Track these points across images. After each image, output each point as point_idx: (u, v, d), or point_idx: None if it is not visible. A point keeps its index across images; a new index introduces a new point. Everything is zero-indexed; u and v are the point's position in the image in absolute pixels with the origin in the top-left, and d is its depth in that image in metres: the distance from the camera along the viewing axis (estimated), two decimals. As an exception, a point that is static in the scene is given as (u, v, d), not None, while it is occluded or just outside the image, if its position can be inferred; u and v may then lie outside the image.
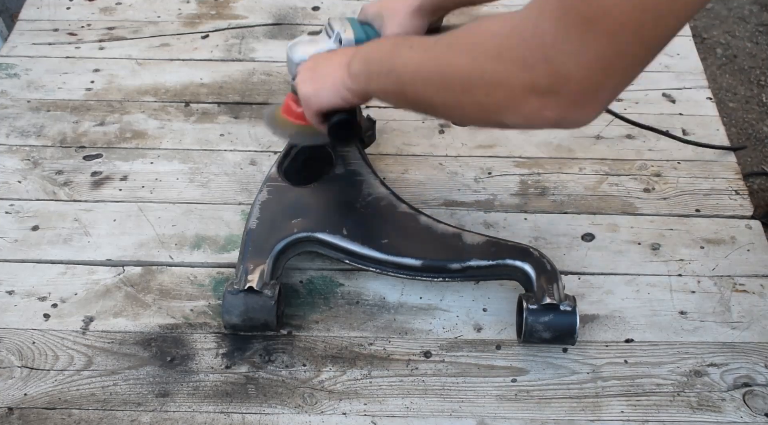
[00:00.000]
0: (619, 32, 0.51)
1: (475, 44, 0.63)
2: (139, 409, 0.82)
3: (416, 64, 0.69)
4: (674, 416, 0.82)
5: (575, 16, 0.52)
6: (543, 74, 0.55)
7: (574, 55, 0.53)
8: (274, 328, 0.87)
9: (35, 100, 1.19)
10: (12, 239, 0.99)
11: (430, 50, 0.68)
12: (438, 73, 0.66)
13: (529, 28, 0.55)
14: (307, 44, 0.91)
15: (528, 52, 0.55)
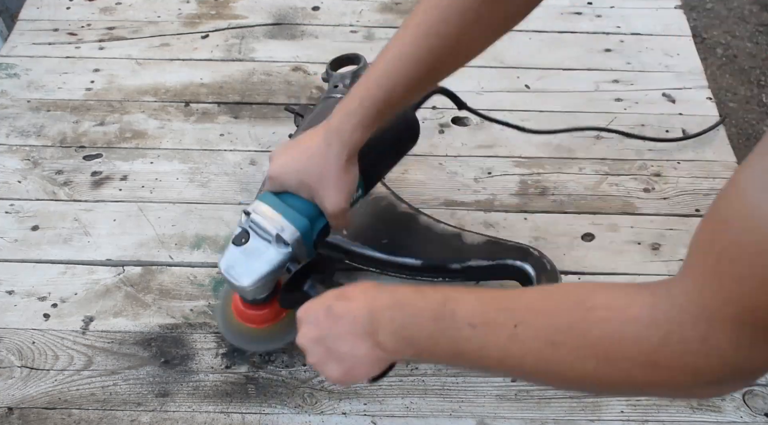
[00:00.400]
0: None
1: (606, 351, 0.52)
2: (139, 409, 0.82)
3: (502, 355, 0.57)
4: (674, 416, 0.82)
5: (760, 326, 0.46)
6: (721, 374, 0.49)
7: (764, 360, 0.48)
8: (274, 328, 0.87)
9: (35, 100, 1.19)
10: (12, 239, 0.99)
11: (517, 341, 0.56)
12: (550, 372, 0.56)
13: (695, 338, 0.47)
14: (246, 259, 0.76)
15: (701, 362, 0.48)
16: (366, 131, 0.75)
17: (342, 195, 0.76)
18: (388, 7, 1.40)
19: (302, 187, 0.77)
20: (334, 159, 0.75)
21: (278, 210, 0.76)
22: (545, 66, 1.29)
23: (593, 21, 1.38)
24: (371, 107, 0.74)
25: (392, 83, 0.73)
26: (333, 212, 0.77)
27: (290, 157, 0.78)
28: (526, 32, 1.35)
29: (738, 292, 0.45)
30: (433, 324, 0.60)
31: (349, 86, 1.08)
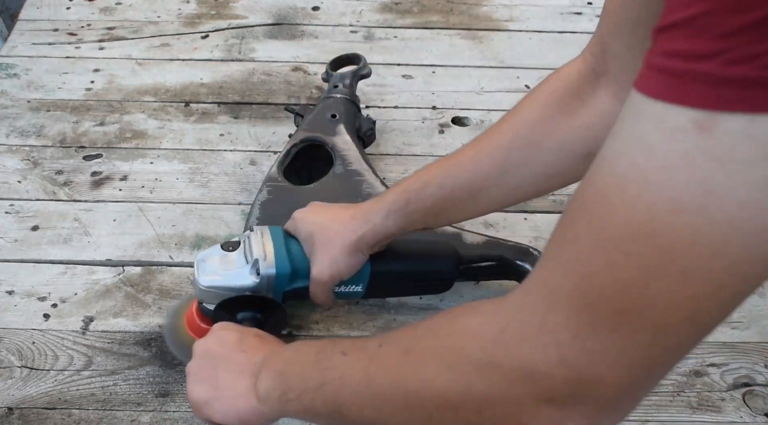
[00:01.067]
0: (668, 326, 0.39)
1: (448, 348, 0.47)
2: (139, 409, 0.82)
3: (359, 378, 0.52)
4: (674, 416, 0.82)
5: (604, 308, 0.40)
6: (562, 381, 0.41)
7: (605, 355, 0.40)
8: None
9: (35, 100, 1.19)
10: (12, 239, 0.99)
11: (376, 358, 0.52)
12: (395, 388, 0.49)
13: (533, 321, 0.42)
14: (219, 264, 0.75)
15: (536, 355, 0.42)
16: (389, 220, 0.73)
17: (331, 268, 0.75)
18: (388, 7, 1.40)
19: (308, 240, 0.76)
20: (347, 233, 0.74)
21: (275, 243, 0.76)
22: (545, 66, 1.28)
23: (593, 21, 1.38)
24: (402, 194, 0.73)
25: (428, 178, 0.73)
26: (314, 279, 0.76)
27: (317, 211, 0.79)
28: (526, 32, 1.35)
29: (577, 260, 0.41)
30: (312, 357, 0.57)
31: (349, 86, 1.08)
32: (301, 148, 1.01)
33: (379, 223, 0.74)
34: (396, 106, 1.20)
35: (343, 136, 1.01)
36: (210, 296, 0.76)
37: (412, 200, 0.73)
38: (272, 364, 0.62)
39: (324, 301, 0.80)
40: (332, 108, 1.04)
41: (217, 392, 0.63)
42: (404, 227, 0.75)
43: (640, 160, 0.37)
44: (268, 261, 0.74)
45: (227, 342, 0.66)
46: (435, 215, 0.75)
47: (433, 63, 1.29)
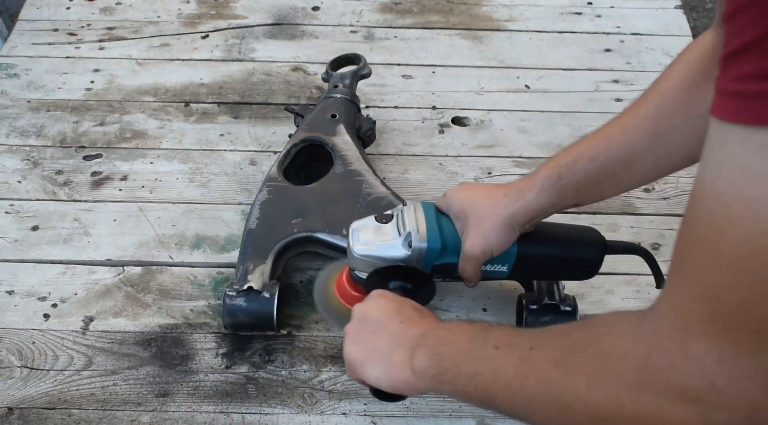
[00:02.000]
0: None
1: (598, 367, 0.48)
2: (139, 409, 0.82)
3: (511, 377, 0.55)
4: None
5: (740, 329, 0.40)
6: (717, 408, 0.41)
7: (754, 378, 0.40)
8: (274, 328, 0.87)
9: (35, 100, 1.19)
10: (12, 239, 0.99)
11: (528, 361, 0.54)
12: (547, 395, 0.52)
13: (675, 348, 0.42)
14: (373, 234, 0.78)
15: (686, 382, 0.42)
16: (542, 195, 0.74)
17: (483, 243, 0.76)
18: (388, 7, 1.40)
19: (460, 216, 0.77)
20: (500, 209, 0.75)
21: (427, 218, 0.78)
22: (545, 66, 1.29)
23: (593, 21, 1.38)
24: (553, 168, 0.74)
25: (580, 152, 0.74)
26: (465, 253, 0.77)
27: (470, 189, 0.80)
28: (526, 32, 1.35)
29: (701, 284, 0.41)
30: (466, 344, 0.60)
31: (349, 86, 1.08)
32: (301, 148, 1.01)
33: (532, 199, 0.74)
34: (396, 106, 1.20)
35: (343, 136, 1.01)
36: (363, 264, 0.78)
37: (563, 175, 0.73)
38: (428, 342, 0.64)
39: (471, 277, 0.80)
40: (332, 108, 1.04)
41: (373, 357, 0.67)
42: (556, 203, 0.75)
43: (736, 180, 0.38)
44: (421, 235, 0.76)
45: (386, 310, 0.69)
46: (587, 189, 0.75)
47: (433, 63, 1.29)
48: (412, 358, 0.64)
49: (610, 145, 0.73)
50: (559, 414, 0.52)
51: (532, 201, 0.74)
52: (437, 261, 0.78)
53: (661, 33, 1.34)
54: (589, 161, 0.73)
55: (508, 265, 0.80)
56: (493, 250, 0.77)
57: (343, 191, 0.96)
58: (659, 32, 1.34)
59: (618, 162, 0.73)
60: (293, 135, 1.03)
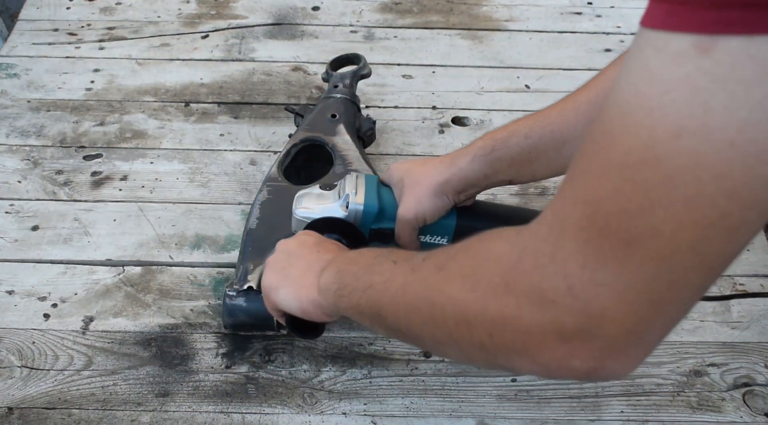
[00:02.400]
0: (674, 256, 0.38)
1: (473, 269, 0.49)
2: (139, 409, 0.82)
3: (399, 285, 0.56)
4: (674, 416, 0.82)
5: (610, 237, 0.39)
6: (568, 312, 0.41)
7: (611, 286, 0.40)
8: (274, 328, 0.87)
9: (35, 100, 1.19)
10: (12, 239, 0.99)
11: (417, 270, 0.55)
12: (425, 299, 0.52)
13: (546, 250, 0.42)
14: (314, 199, 0.82)
15: (546, 283, 0.42)
16: (475, 164, 0.76)
17: (417, 207, 0.77)
18: (388, 7, 1.40)
19: (398, 184, 0.80)
20: (434, 175, 0.77)
21: (367, 185, 0.81)
22: (545, 66, 1.29)
23: (593, 21, 1.38)
24: (488, 141, 0.76)
25: (516, 127, 0.76)
26: (399, 217, 0.79)
27: (411, 161, 0.82)
28: (526, 32, 1.35)
29: (585, 189, 0.41)
30: (369, 260, 0.62)
31: (349, 86, 1.08)
32: (301, 148, 1.01)
33: (465, 167, 0.76)
34: (396, 106, 1.20)
35: (343, 136, 1.01)
36: (302, 226, 0.81)
37: (497, 147, 0.75)
38: (336, 263, 0.67)
39: (407, 243, 0.81)
40: (332, 108, 1.04)
41: (286, 281, 0.70)
42: (488, 175, 0.77)
43: (642, 88, 0.37)
44: (358, 197, 0.80)
45: (305, 242, 0.73)
46: (519, 165, 0.76)
47: (433, 63, 1.29)
48: (320, 277, 0.67)
49: (545, 125, 0.75)
50: (432, 318, 0.52)
51: (465, 169, 0.76)
52: (374, 226, 0.81)
53: (661, 33, 1.34)
54: (524, 138, 0.75)
55: (448, 237, 0.83)
56: (425, 215, 0.78)
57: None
58: (659, 32, 1.34)
59: (551, 142, 0.74)
60: (293, 135, 1.03)
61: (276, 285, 0.71)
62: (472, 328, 0.48)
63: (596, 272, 0.40)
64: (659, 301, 0.40)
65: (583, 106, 0.73)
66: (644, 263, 0.39)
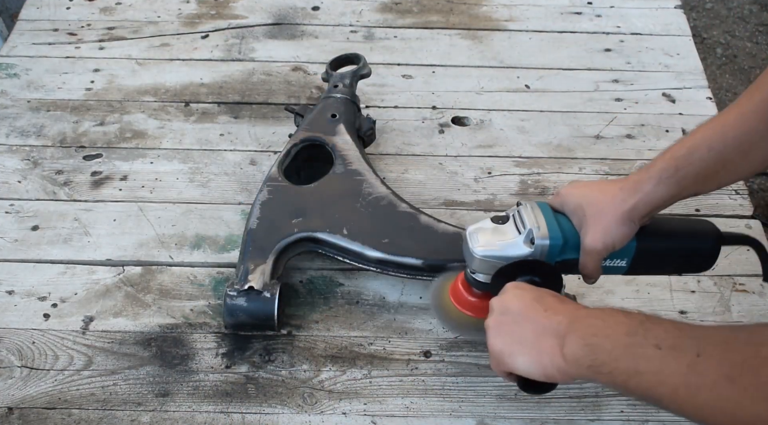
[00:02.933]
0: None
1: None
2: (139, 409, 0.82)
3: (678, 384, 0.56)
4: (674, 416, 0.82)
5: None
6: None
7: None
8: (275, 328, 0.87)
9: (35, 100, 1.19)
10: (12, 239, 0.99)
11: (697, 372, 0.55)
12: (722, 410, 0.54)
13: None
14: (492, 235, 0.78)
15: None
16: (660, 187, 0.74)
17: (605, 237, 0.75)
18: (388, 7, 1.40)
19: (577, 213, 0.77)
20: (619, 202, 0.75)
21: (545, 215, 0.78)
22: (545, 66, 1.29)
23: (593, 21, 1.38)
24: (669, 161, 0.73)
25: (695, 142, 0.73)
26: (586, 248, 0.77)
27: (585, 186, 0.80)
28: (526, 32, 1.35)
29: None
30: (623, 338, 0.60)
31: (349, 86, 1.08)
32: (301, 147, 1.01)
33: (651, 191, 0.74)
34: (396, 106, 1.20)
35: (343, 136, 1.01)
36: (484, 266, 0.78)
37: (681, 166, 0.73)
38: (579, 331, 0.64)
39: (592, 272, 0.79)
40: (332, 108, 1.04)
41: (521, 347, 0.67)
42: (675, 194, 0.75)
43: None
44: (542, 232, 0.76)
45: (526, 299, 0.70)
46: (705, 179, 0.75)
47: (433, 63, 1.29)
48: (563, 346, 0.64)
49: (726, 132, 0.72)
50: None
51: (650, 193, 0.74)
52: (559, 258, 0.78)
53: (661, 33, 1.34)
54: (707, 150, 0.72)
55: (627, 259, 0.80)
56: (615, 244, 0.76)
57: (343, 191, 0.96)
58: (659, 32, 1.34)
59: (736, 150, 0.72)
60: (293, 135, 1.03)
61: (509, 352, 0.68)
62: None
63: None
64: None
65: (763, 106, 0.71)
66: None
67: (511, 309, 0.70)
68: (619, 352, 0.60)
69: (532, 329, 0.67)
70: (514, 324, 0.69)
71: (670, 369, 0.56)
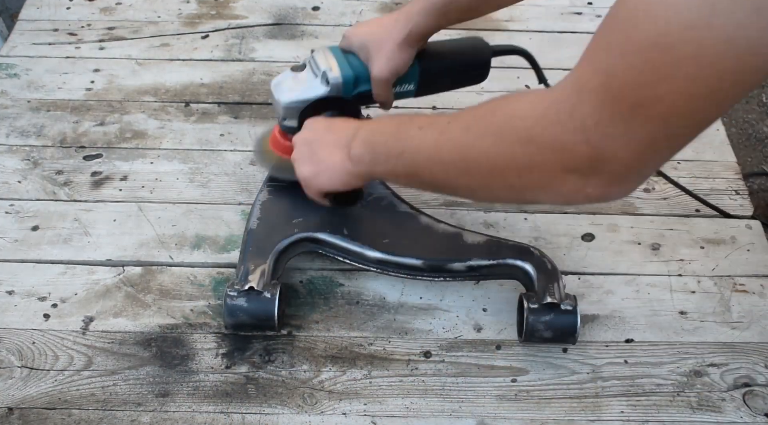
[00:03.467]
0: (671, 117, 0.50)
1: (500, 126, 0.60)
2: (139, 409, 0.82)
3: (431, 148, 0.66)
4: (674, 416, 0.82)
5: (622, 102, 0.50)
6: (583, 156, 0.54)
7: (620, 138, 0.52)
8: (275, 328, 0.87)
9: (35, 100, 1.19)
10: (12, 239, 0.99)
11: (445, 132, 0.65)
12: (458, 156, 0.63)
13: (566, 110, 0.53)
14: (293, 83, 0.88)
15: (565, 136, 0.54)
16: (430, 17, 0.82)
17: (389, 65, 0.85)
18: (388, 7, 1.40)
19: (363, 50, 0.86)
20: (395, 33, 0.84)
21: (335, 56, 0.87)
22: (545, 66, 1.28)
23: (593, 21, 1.38)
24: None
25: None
26: (375, 77, 0.86)
27: (365, 26, 0.89)
28: (526, 32, 1.35)
29: (604, 62, 0.51)
30: (394, 128, 0.71)
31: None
32: (301, 147, 1.01)
33: (421, 21, 0.83)
34: (396, 106, 1.20)
35: (343, 135, 1.01)
36: (290, 112, 0.89)
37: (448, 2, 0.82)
38: (361, 135, 0.75)
39: (385, 99, 0.90)
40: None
41: (320, 166, 0.78)
42: (443, 24, 0.85)
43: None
44: (334, 71, 0.86)
45: (318, 128, 0.82)
46: (469, 11, 0.86)
47: (433, 63, 1.28)
48: (350, 152, 0.75)
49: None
50: (467, 171, 0.63)
51: (420, 23, 0.83)
52: (354, 92, 0.88)
53: (661, 33, 1.34)
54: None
55: (414, 83, 0.91)
56: (398, 69, 0.86)
57: (343, 191, 0.96)
58: (659, 32, 1.34)
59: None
60: (293, 135, 1.03)
61: (314, 172, 0.79)
62: (503, 174, 0.60)
63: (608, 128, 0.51)
64: (656, 148, 0.53)
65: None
66: (647, 122, 0.50)
67: (308, 139, 0.80)
68: (390, 141, 0.71)
69: (326, 149, 0.77)
70: (310, 150, 0.79)
71: (425, 140, 0.66)
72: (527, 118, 0.57)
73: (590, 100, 0.52)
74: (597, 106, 0.51)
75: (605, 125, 0.51)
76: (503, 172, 0.60)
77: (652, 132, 0.51)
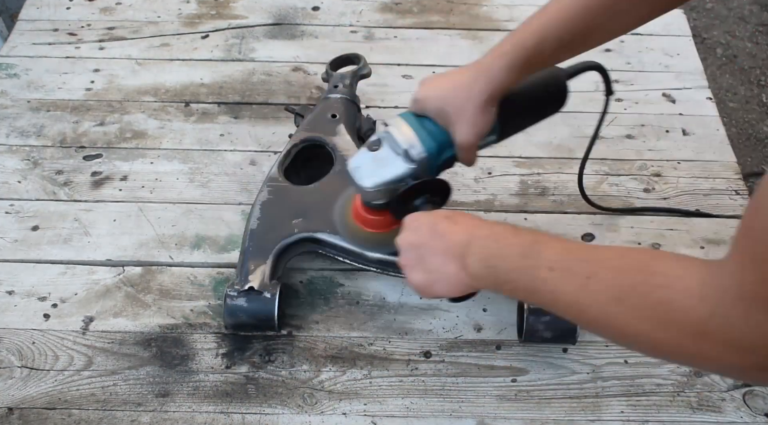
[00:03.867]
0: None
1: (660, 315, 0.55)
2: (139, 409, 0.82)
3: (570, 302, 0.61)
4: (674, 416, 0.82)
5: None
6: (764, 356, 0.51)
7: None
8: (275, 328, 0.87)
9: (35, 100, 1.19)
10: (12, 239, 0.99)
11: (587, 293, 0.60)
12: (609, 326, 0.59)
13: (736, 315, 0.50)
14: (374, 164, 0.82)
15: (744, 338, 0.50)
16: (512, 75, 0.78)
17: (474, 130, 0.80)
18: (388, 7, 1.40)
19: (441, 115, 0.81)
20: (476, 95, 0.78)
21: (414, 128, 0.81)
22: (545, 66, 1.28)
23: (593, 21, 1.38)
24: (521, 51, 0.77)
25: (544, 32, 0.77)
26: (461, 144, 0.81)
27: (438, 85, 0.82)
28: (526, 32, 1.35)
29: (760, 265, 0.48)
30: (518, 260, 0.65)
31: (349, 86, 1.08)
32: (301, 148, 1.01)
33: (503, 79, 0.78)
34: (396, 106, 1.20)
35: (343, 136, 1.01)
36: (377, 195, 0.84)
37: (531, 56, 0.78)
38: (476, 254, 0.69)
39: (471, 160, 0.85)
40: (332, 108, 1.04)
41: (433, 275, 0.73)
42: (524, 76, 0.81)
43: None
44: (417, 147, 0.80)
45: (423, 230, 0.75)
46: (552, 63, 0.83)
47: (433, 63, 1.28)
48: (467, 267, 0.69)
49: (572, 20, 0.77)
50: (621, 341, 0.62)
51: (503, 78, 0.78)
52: (438, 161, 0.83)
53: (661, 33, 1.34)
54: (557, 42, 0.77)
55: (496, 133, 0.85)
56: (484, 132, 0.81)
57: (343, 191, 0.95)
58: (659, 32, 1.34)
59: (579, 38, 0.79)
60: (293, 135, 1.03)
61: (428, 281, 0.74)
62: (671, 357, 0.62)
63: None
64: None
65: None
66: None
67: (414, 244, 0.75)
68: (516, 275, 0.65)
69: (437, 257, 0.72)
70: (420, 257, 0.74)
71: (562, 290, 0.61)
72: (692, 314, 0.53)
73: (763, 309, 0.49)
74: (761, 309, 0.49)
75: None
76: (669, 355, 0.59)
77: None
